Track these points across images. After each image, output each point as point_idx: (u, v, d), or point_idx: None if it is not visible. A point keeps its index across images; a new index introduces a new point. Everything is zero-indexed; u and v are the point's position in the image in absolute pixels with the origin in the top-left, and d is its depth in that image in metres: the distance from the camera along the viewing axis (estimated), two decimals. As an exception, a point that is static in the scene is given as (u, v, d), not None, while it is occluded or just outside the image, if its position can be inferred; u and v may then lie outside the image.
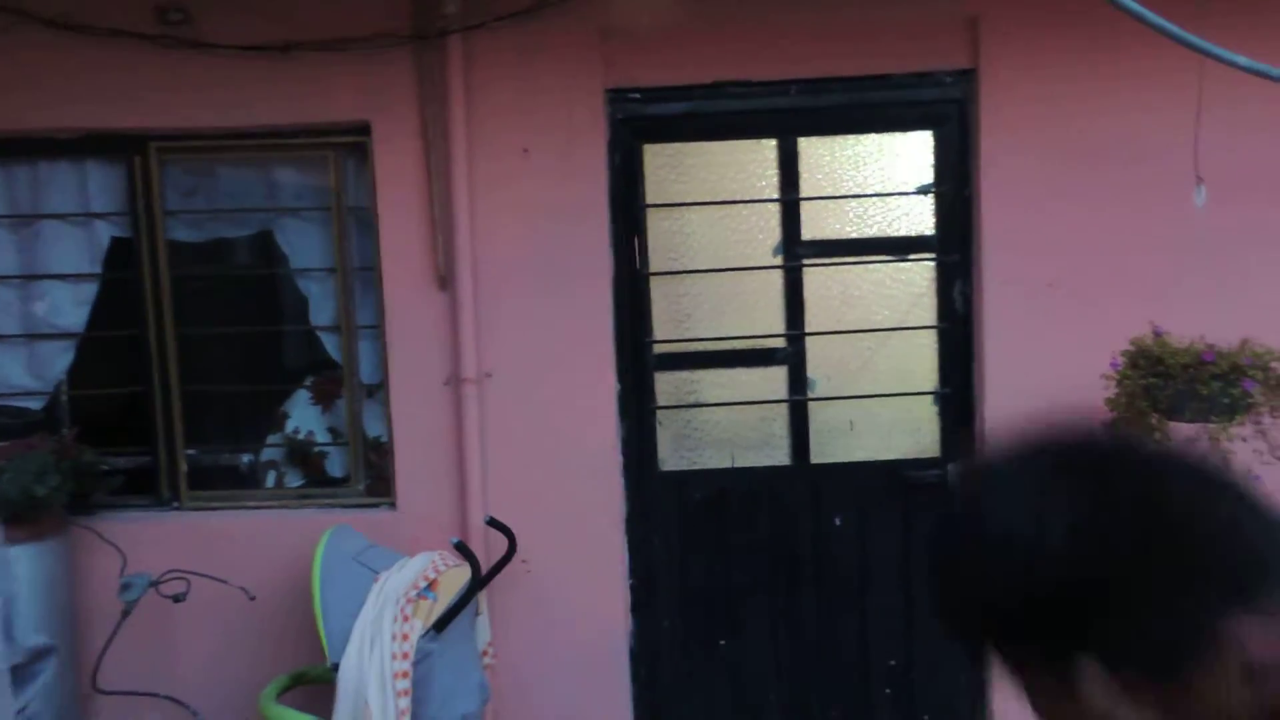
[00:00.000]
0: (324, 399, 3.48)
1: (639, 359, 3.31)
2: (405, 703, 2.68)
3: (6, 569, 2.89)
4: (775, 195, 3.31)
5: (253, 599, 3.04)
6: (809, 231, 3.29)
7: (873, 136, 3.33)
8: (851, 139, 3.32)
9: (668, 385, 3.37)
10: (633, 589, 3.31)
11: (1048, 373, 2.99)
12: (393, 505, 3.27)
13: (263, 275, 3.65)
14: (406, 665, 2.70)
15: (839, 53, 3.18)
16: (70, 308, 3.31)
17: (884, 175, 3.33)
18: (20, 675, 2.92)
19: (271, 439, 3.48)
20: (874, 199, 3.31)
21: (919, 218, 3.31)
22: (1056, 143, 3.11)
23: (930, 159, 3.29)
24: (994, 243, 3.16)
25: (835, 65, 3.19)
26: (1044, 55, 3.11)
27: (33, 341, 3.35)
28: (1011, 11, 3.11)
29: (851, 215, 3.32)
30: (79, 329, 3.33)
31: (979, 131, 3.17)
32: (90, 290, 3.33)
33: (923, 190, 3.31)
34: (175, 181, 3.30)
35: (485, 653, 3.07)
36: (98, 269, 3.32)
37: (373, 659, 2.71)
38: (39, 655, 2.99)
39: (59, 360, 3.34)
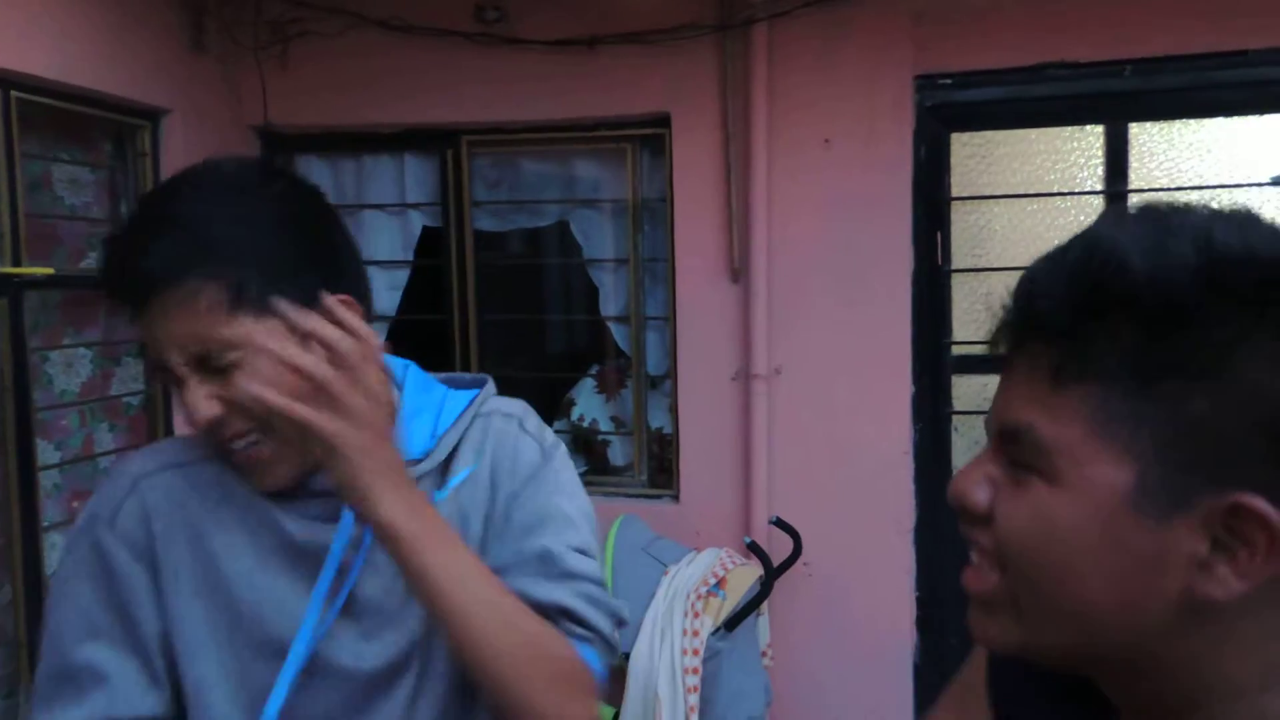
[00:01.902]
0: (608, 388, 3.53)
1: (936, 361, 3.13)
2: (694, 699, 2.66)
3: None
4: (1099, 187, 3.02)
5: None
6: (1138, 227, 2.98)
7: (1218, 121, 2.97)
8: (1193, 124, 2.98)
9: (966, 390, 3.17)
10: (919, 603, 3.14)
11: None
12: (675, 498, 3.27)
13: (556, 265, 3.75)
14: (696, 661, 2.68)
15: (1184, 28, 2.84)
16: (385, 292, 3.51)
17: (1230, 164, 2.96)
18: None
19: (557, 424, 3.57)
20: (1218, 190, 2.95)
21: (1270, 213, 2.90)
22: None
23: (1290, 146, 2.89)
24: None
25: (1179, 42, 2.86)
26: None
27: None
28: None
29: (1190, 209, 2.98)
30: (392, 313, 3.53)
31: (1358, 114, 2.75)
32: (402, 277, 3.52)
33: (1278, 181, 2.91)
34: (482, 173, 3.44)
35: (765, 654, 3.00)
36: (410, 256, 3.51)
37: (663, 652, 2.71)
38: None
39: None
